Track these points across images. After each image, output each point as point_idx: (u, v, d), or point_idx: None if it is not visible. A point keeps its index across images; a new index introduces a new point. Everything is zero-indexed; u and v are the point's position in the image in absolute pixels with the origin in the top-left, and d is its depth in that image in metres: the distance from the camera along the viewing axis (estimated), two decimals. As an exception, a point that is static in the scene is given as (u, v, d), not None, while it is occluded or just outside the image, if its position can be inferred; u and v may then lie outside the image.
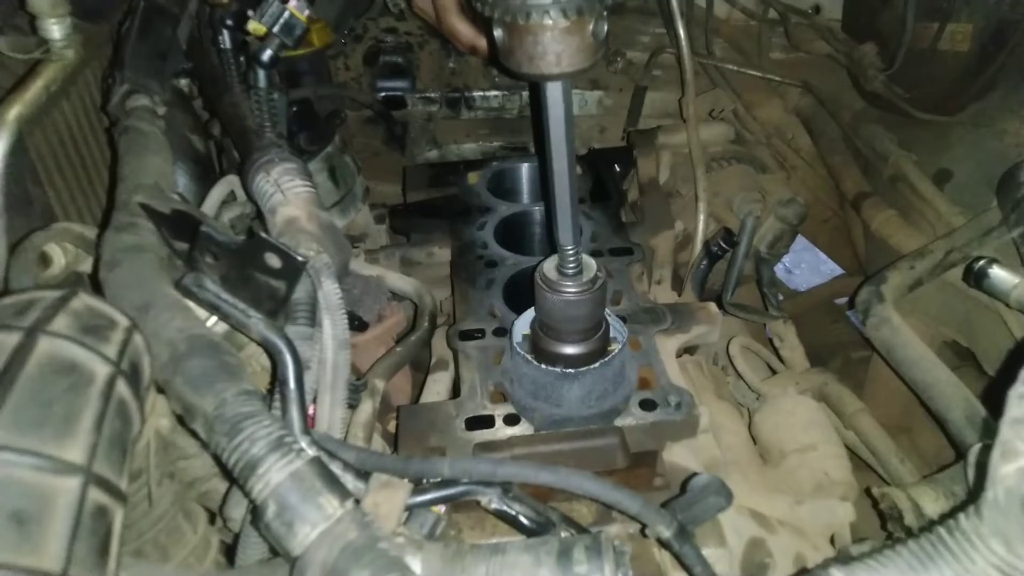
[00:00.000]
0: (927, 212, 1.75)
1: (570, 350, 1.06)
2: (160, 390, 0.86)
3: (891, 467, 1.42)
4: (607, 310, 1.11)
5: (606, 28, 0.82)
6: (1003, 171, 1.51)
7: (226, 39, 1.31)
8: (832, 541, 1.20)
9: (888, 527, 1.14)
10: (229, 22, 1.29)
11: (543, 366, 1.07)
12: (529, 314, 1.14)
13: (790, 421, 1.35)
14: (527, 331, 1.14)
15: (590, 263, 1.02)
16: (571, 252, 0.98)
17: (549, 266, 1.02)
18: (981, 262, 1.26)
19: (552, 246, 1.01)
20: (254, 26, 1.17)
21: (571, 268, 0.99)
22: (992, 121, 1.72)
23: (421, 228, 1.62)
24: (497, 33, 0.81)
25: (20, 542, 0.56)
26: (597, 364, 1.06)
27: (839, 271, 2.52)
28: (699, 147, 1.80)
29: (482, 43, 1.63)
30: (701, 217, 1.74)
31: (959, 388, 1.28)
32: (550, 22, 0.77)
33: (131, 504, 0.86)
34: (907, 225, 1.79)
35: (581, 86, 2.24)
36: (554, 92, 0.85)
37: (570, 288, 0.99)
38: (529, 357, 1.08)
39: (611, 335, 1.12)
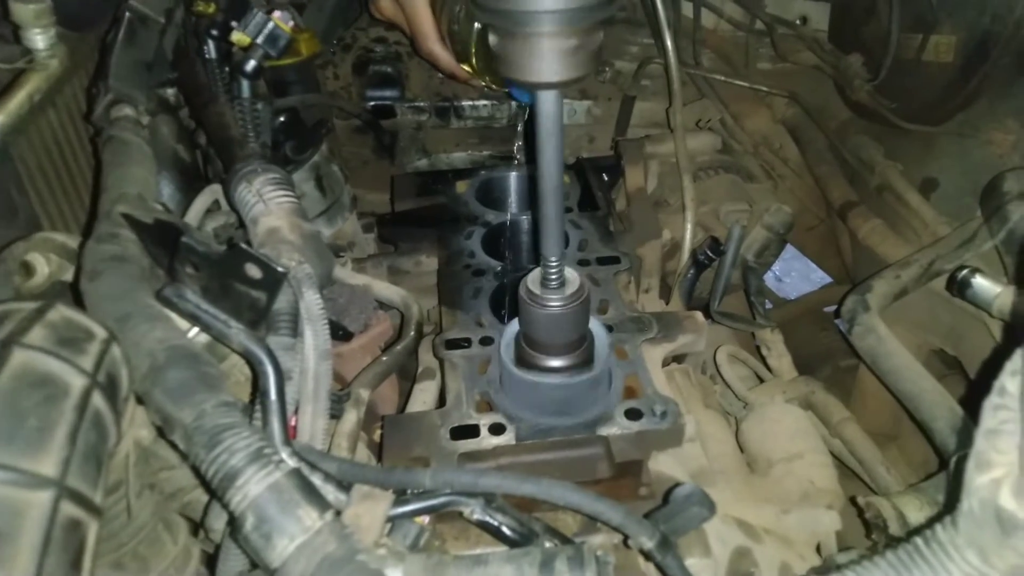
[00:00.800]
0: (913, 221, 1.77)
1: (555, 362, 1.06)
2: (140, 401, 0.86)
3: (877, 476, 1.43)
4: (594, 319, 1.11)
5: (601, 37, 0.82)
6: (988, 180, 1.53)
7: (211, 49, 1.31)
8: (818, 550, 1.19)
9: (873, 536, 1.14)
10: (214, 32, 1.29)
11: (528, 376, 1.07)
12: (516, 324, 1.14)
13: (777, 430, 1.35)
14: (513, 340, 1.14)
15: (573, 276, 1.02)
16: (554, 264, 0.98)
17: (533, 279, 1.02)
18: (964, 271, 1.27)
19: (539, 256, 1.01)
20: (238, 37, 1.17)
21: (554, 280, 0.99)
22: (977, 131, 1.74)
23: (409, 237, 1.62)
24: (492, 39, 0.81)
25: (-12, 557, 0.55)
26: (582, 376, 1.06)
27: (828, 279, 2.54)
28: (686, 156, 1.81)
29: (462, 72, 1.64)
30: (688, 226, 1.74)
31: (944, 397, 1.29)
32: (546, 31, 0.76)
33: (110, 516, 0.86)
34: (893, 234, 1.80)
35: (570, 96, 2.24)
36: (546, 101, 0.85)
37: (553, 301, 1.00)
38: (514, 368, 1.08)
39: (596, 345, 1.12)
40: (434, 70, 2.23)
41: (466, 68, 1.65)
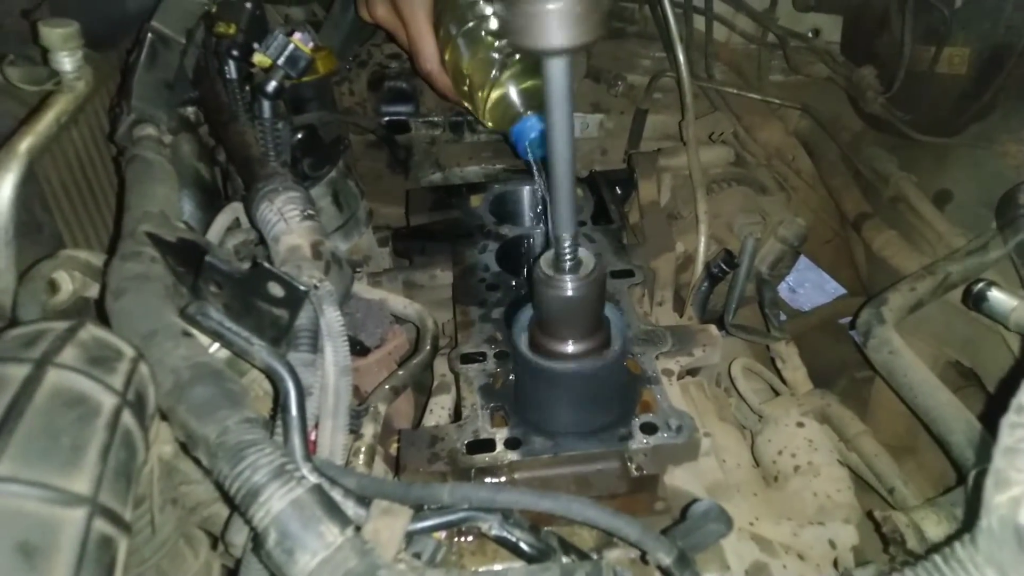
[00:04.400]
0: (928, 233, 1.76)
1: (570, 348, 1.05)
2: (164, 417, 0.87)
3: (894, 489, 1.42)
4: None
5: (608, 2, 0.80)
6: (1003, 192, 1.53)
7: (231, 69, 1.33)
8: (835, 565, 1.19)
9: (891, 551, 1.13)
10: (235, 52, 1.32)
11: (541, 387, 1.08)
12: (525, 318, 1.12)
13: (792, 443, 1.35)
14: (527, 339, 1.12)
15: (587, 256, 0.99)
16: (567, 242, 0.95)
17: (545, 260, 0.99)
18: (980, 284, 1.27)
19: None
20: (259, 58, 1.19)
21: (568, 260, 0.96)
22: (991, 143, 1.74)
23: (424, 251, 1.64)
24: (497, 8, 0.79)
25: (27, 574, 0.57)
26: (598, 367, 1.05)
27: (843, 291, 2.53)
28: (699, 169, 1.82)
29: (456, 96, 1.65)
30: (702, 239, 1.74)
31: (960, 411, 1.28)
32: None
33: (134, 531, 0.87)
34: (908, 246, 1.80)
35: (582, 109, 2.26)
36: (556, 68, 0.82)
37: (567, 282, 0.97)
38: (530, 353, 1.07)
39: (612, 332, 1.09)
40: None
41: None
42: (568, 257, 0.96)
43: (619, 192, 1.82)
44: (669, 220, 1.85)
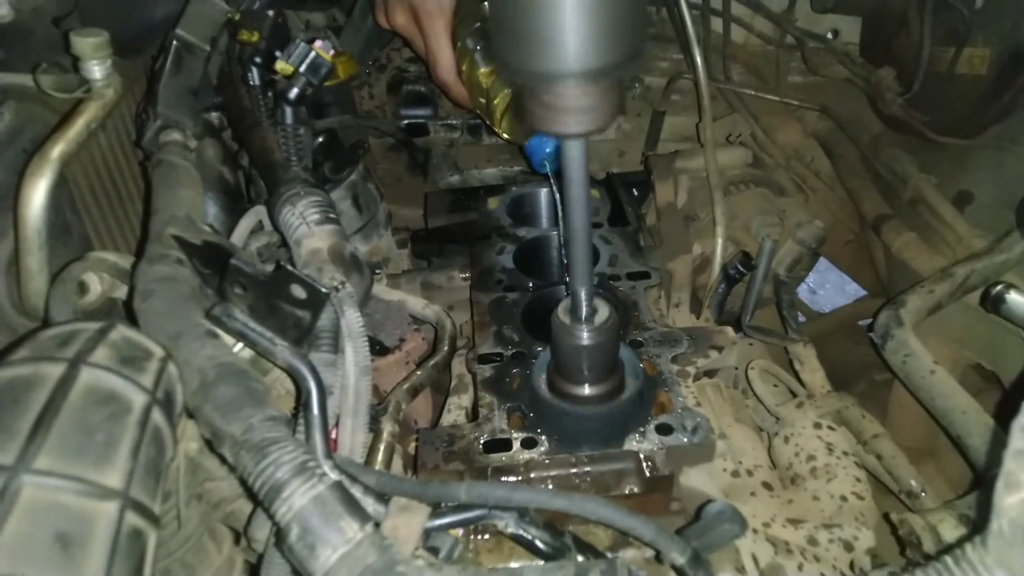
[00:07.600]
0: (947, 235, 1.75)
1: (587, 391, 1.10)
2: (190, 415, 0.90)
3: (912, 492, 1.41)
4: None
5: (623, 87, 0.85)
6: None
7: (255, 75, 1.36)
8: (851, 567, 1.19)
9: (907, 553, 1.13)
10: (257, 59, 1.35)
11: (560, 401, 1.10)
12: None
13: (809, 445, 1.35)
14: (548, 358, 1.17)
15: (603, 306, 1.05)
16: (584, 298, 1.02)
17: (563, 310, 1.06)
18: (998, 287, 1.26)
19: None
20: (281, 66, 1.22)
21: (585, 313, 1.03)
22: (1012, 144, 1.72)
23: (442, 253, 1.66)
24: (518, 94, 0.85)
25: (64, 563, 0.60)
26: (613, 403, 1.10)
27: (863, 292, 2.51)
28: (716, 171, 1.82)
29: (471, 105, 1.67)
30: (719, 240, 1.75)
31: (979, 414, 1.27)
32: (571, 90, 0.79)
33: (161, 524, 0.90)
34: (927, 248, 1.78)
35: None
36: (573, 149, 0.89)
37: (583, 332, 1.03)
38: (547, 394, 1.12)
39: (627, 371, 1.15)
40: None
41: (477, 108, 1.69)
42: (585, 308, 1.02)
43: (636, 194, 1.83)
44: (686, 222, 1.86)
